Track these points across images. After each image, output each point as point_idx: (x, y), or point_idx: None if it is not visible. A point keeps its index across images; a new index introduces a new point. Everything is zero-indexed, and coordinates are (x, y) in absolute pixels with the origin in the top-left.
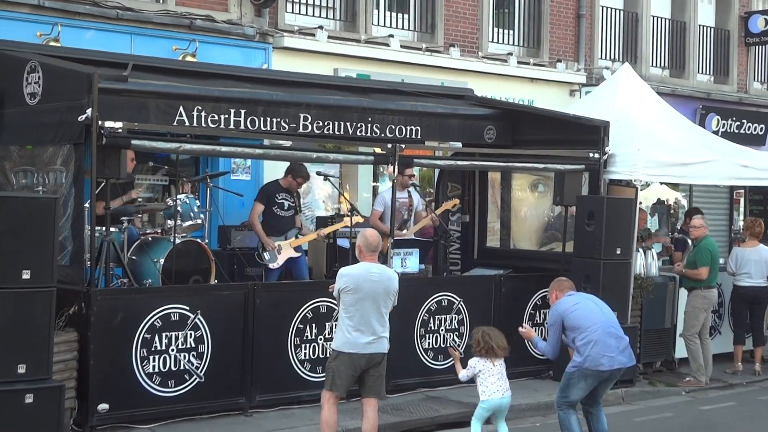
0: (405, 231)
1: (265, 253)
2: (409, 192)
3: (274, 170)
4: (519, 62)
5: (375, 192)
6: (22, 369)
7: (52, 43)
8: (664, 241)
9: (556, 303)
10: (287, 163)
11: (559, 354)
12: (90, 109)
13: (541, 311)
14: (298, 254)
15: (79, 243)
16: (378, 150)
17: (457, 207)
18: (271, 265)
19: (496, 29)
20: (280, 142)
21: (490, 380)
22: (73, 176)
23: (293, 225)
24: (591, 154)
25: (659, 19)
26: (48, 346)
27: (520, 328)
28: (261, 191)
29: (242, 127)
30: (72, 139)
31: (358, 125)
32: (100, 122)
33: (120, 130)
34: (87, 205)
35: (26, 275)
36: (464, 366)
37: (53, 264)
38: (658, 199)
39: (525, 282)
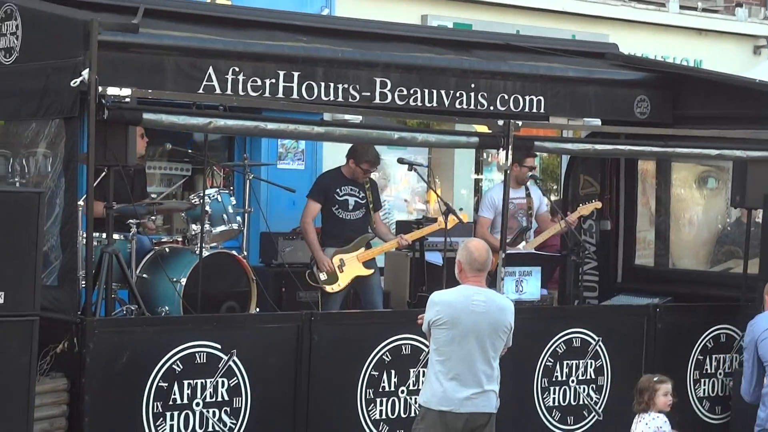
0: (523, 244)
1: (320, 273)
2: (527, 189)
3: (338, 157)
4: (682, 7)
5: (477, 188)
6: None
7: None
8: None
9: (754, 319)
10: None
11: (753, 395)
12: (87, 71)
13: (713, 356)
14: (370, 271)
15: (70, 255)
16: (484, 128)
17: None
18: (328, 288)
19: None
20: (347, 116)
21: None
22: (62, 163)
23: (364, 230)
24: None
25: None
26: (27, 397)
27: None
28: (316, 185)
29: (295, 95)
30: (62, 112)
31: (457, 94)
32: (100, 89)
33: (127, 100)
34: (81, 202)
35: None
36: None
37: (36, 284)
38: None
39: (690, 315)
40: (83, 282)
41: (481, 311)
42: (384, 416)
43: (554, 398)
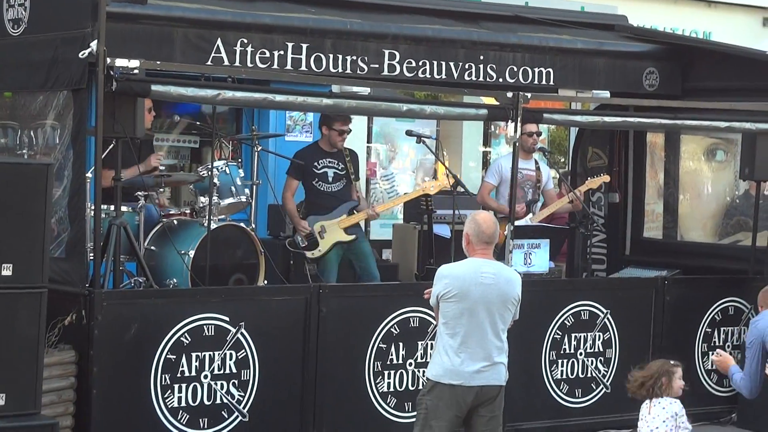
0: (530, 216)
1: (298, 238)
2: (536, 161)
3: None
4: None
5: (485, 160)
6: (0, 400)
7: None
8: None
9: (757, 317)
10: (363, 119)
11: (758, 391)
12: (95, 42)
13: (722, 329)
14: (350, 237)
15: (78, 227)
16: (492, 101)
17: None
18: (309, 254)
19: None
20: (355, 89)
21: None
22: (71, 135)
23: (348, 199)
24: None
25: None
26: (35, 369)
27: (713, 356)
28: (292, 161)
29: (303, 67)
30: (70, 84)
31: (466, 66)
32: (108, 60)
33: (136, 72)
34: (89, 174)
35: (6, 271)
36: None
37: (44, 256)
38: None
39: (699, 287)
40: (91, 254)
41: (490, 283)
42: (392, 389)
43: (562, 371)
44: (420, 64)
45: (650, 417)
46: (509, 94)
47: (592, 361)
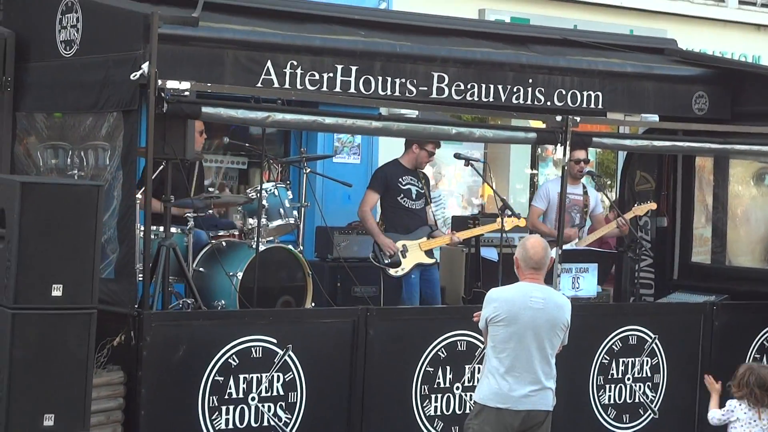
0: (576, 241)
1: (382, 255)
2: (584, 186)
3: (393, 151)
4: (741, 2)
5: (533, 183)
6: (49, 421)
7: None
8: None
9: None
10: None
11: None
12: (147, 64)
13: None
14: (431, 261)
15: (128, 248)
16: (540, 124)
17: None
18: (392, 271)
19: None
20: (404, 111)
21: None
22: (121, 156)
23: (424, 221)
24: None
25: None
26: (84, 389)
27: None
28: (376, 175)
29: (352, 90)
30: (121, 105)
31: (514, 89)
32: (160, 82)
33: (187, 93)
34: (140, 195)
35: (57, 291)
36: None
37: (94, 277)
38: None
39: (747, 313)
40: (140, 275)
41: (539, 308)
42: (439, 412)
43: (610, 396)
44: (468, 86)
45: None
46: (558, 118)
47: (639, 386)
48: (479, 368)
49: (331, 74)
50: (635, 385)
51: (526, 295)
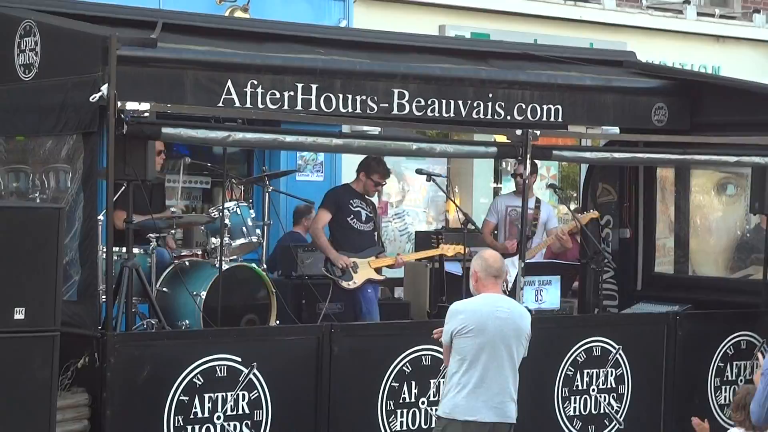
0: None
1: (335, 268)
2: (537, 200)
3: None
4: (699, 14)
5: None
6: None
7: None
8: None
9: None
10: None
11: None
12: (106, 86)
13: (734, 363)
14: (381, 278)
15: (90, 270)
16: (502, 138)
17: (598, 220)
18: (344, 284)
19: None
20: (366, 128)
21: None
22: (82, 178)
23: (373, 242)
24: None
25: None
26: (49, 412)
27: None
28: (328, 196)
29: (313, 107)
30: (81, 127)
31: (475, 104)
32: (119, 103)
33: (146, 114)
34: (101, 217)
35: (19, 315)
36: None
37: (57, 299)
38: None
39: (711, 322)
40: (104, 296)
41: (506, 317)
42: (405, 427)
43: (575, 407)
44: (429, 102)
45: None
46: (518, 132)
47: (605, 397)
48: (443, 382)
49: (291, 93)
50: (600, 396)
51: (493, 305)
